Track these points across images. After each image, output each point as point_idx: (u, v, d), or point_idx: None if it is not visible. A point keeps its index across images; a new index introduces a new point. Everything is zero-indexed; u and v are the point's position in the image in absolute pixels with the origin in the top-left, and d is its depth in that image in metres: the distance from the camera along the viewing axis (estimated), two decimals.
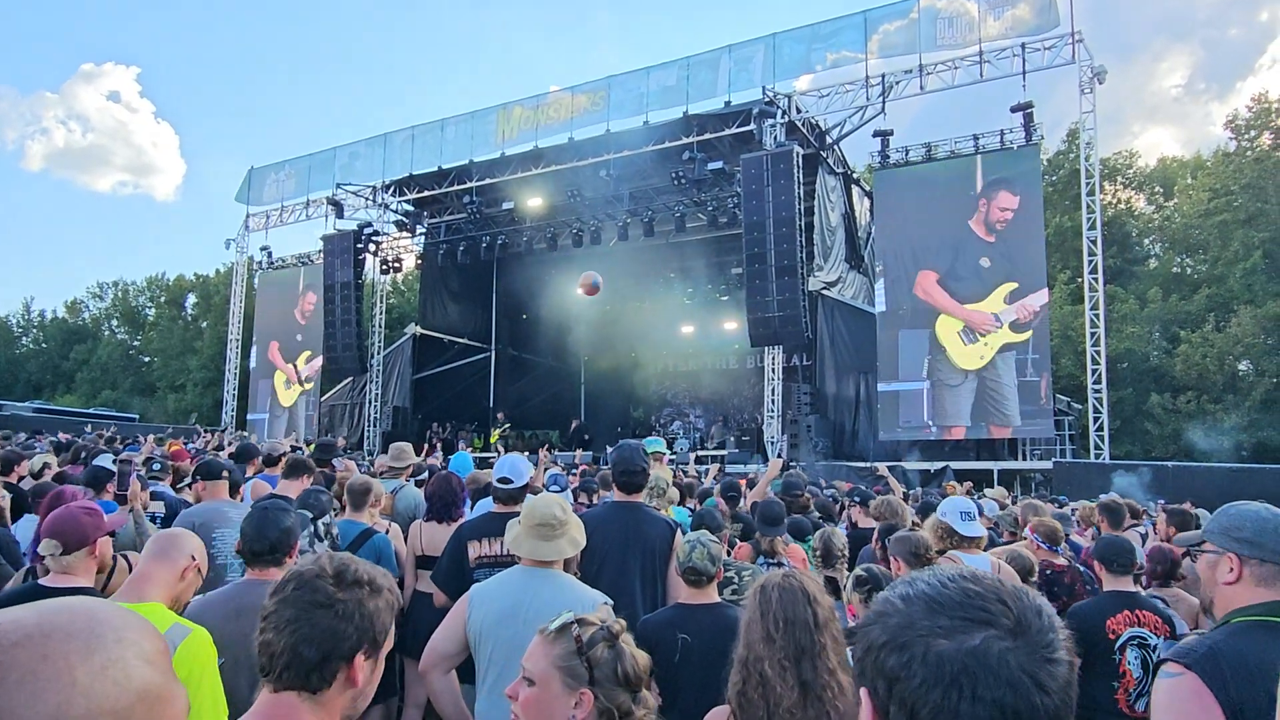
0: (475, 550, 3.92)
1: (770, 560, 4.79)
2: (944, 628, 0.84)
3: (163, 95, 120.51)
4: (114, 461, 5.26)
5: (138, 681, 0.77)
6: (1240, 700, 1.70)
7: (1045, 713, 0.80)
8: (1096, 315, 15.53)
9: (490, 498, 5.14)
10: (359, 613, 1.53)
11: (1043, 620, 0.85)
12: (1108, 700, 3.47)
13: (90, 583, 2.79)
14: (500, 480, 4.03)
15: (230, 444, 12.81)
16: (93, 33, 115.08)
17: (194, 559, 2.61)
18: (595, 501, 6.52)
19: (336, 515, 4.81)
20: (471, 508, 5.46)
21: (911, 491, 10.57)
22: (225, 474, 4.72)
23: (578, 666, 1.74)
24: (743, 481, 9.04)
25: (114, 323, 49.63)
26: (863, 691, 0.91)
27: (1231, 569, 1.90)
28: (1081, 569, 4.54)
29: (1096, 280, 15.59)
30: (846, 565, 4.62)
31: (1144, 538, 6.53)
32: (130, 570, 3.51)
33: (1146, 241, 33.05)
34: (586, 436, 23.36)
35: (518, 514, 4.01)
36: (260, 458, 6.67)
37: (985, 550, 4.39)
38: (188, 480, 5.13)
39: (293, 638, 1.48)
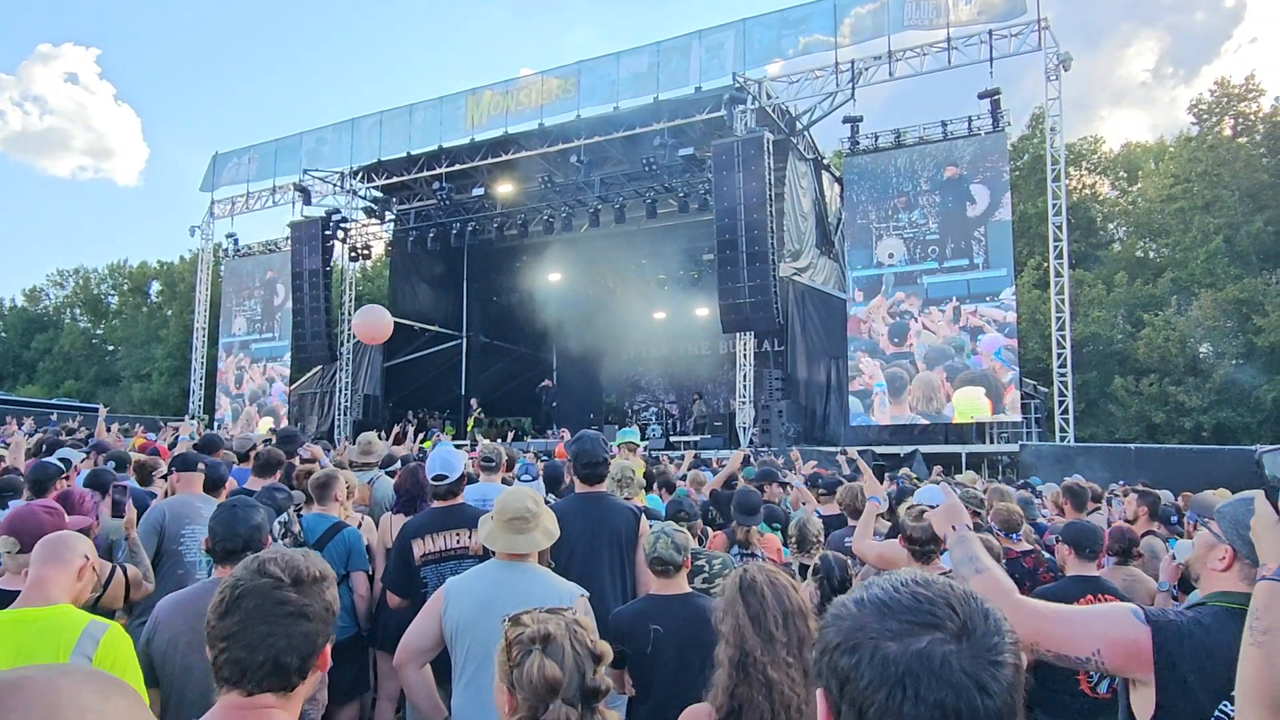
0: (420, 548, 3.93)
1: (744, 550, 4.82)
2: (893, 630, 0.87)
3: (123, 77, 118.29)
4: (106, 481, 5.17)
5: None
6: (1185, 671, 1.75)
7: (987, 714, 0.83)
8: (1062, 300, 15.74)
9: (471, 485, 5.15)
10: (324, 608, 1.59)
11: (989, 624, 0.88)
12: (1071, 683, 3.55)
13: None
14: (435, 478, 4.02)
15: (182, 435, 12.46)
16: (50, 13, 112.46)
17: (87, 559, 2.56)
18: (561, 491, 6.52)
19: (304, 509, 4.76)
20: None
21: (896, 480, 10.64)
22: (201, 466, 4.61)
23: (504, 663, 1.78)
24: (715, 464, 9.10)
25: (76, 311, 48.69)
26: (819, 692, 0.94)
27: (1224, 558, 1.93)
28: (1047, 554, 4.60)
29: (1062, 265, 15.79)
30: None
31: (1108, 523, 6.64)
32: (127, 582, 3.47)
33: (1111, 226, 33.51)
34: (555, 404, 23.34)
35: (460, 507, 4.03)
36: (224, 450, 6.59)
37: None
38: (162, 472, 5.00)
39: (272, 651, 1.50)
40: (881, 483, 6.37)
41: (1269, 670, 1.57)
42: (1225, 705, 1.74)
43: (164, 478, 4.91)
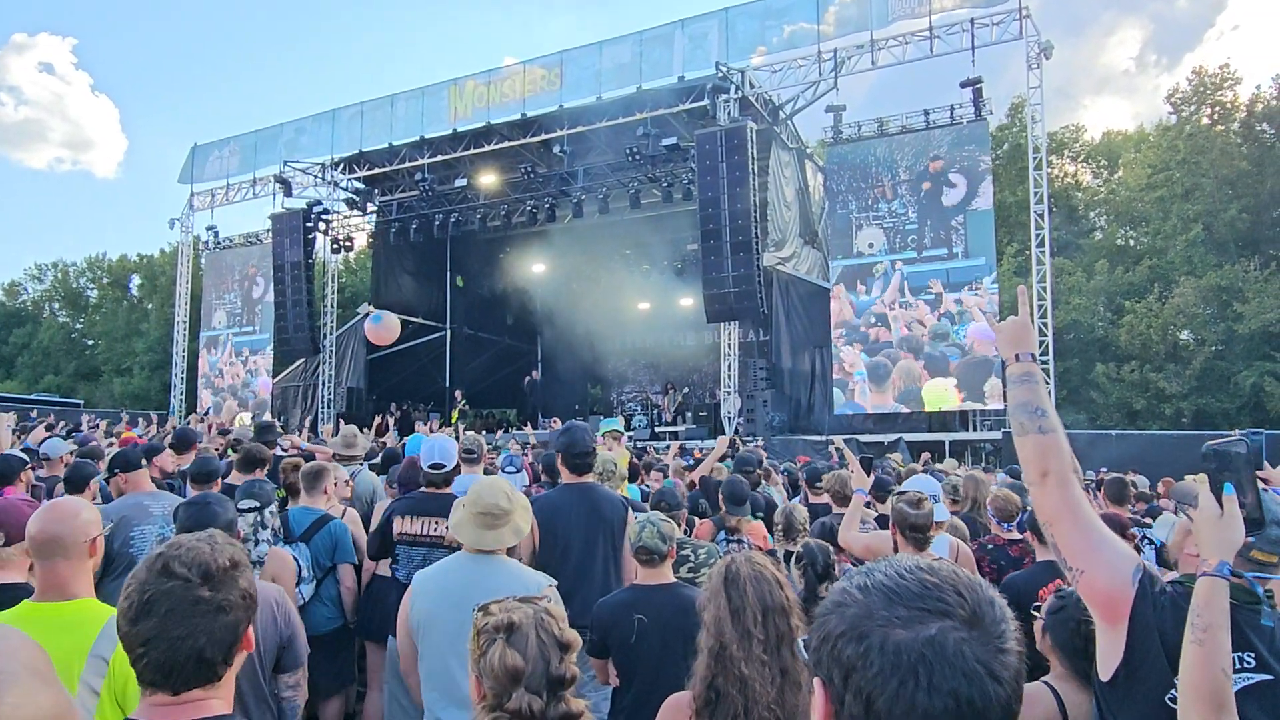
0: (398, 526, 4.01)
1: (732, 538, 4.85)
2: (901, 618, 0.85)
3: (100, 67, 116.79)
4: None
5: (8, 710, 0.75)
6: (1158, 641, 1.76)
7: (998, 702, 0.82)
8: (1044, 287, 15.84)
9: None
10: (240, 595, 1.57)
11: (995, 611, 0.87)
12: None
13: (22, 578, 2.71)
14: (432, 466, 4.06)
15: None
16: (25, 2, 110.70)
17: (95, 536, 2.46)
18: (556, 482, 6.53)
19: (291, 501, 4.75)
20: None
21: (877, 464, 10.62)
22: (144, 462, 4.53)
23: (473, 651, 1.82)
24: (696, 454, 9.12)
25: (55, 305, 48.13)
26: (816, 681, 0.91)
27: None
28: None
29: (1044, 253, 15.89)
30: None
31: None
32: None
33: (1092, 214, 33.71)
34: (544, 403, 23.30)
35: (447, 496, 4.06)
36: (200, 445, 6.55)
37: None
38: (104, 475, 4.87)
39: (194, 649, 1.47)
40: (868, 475, 6.40)
41: (1210, 668, 1.59)
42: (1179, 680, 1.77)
43: (107, 479, 4.80)
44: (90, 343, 45.50)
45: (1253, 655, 1.79)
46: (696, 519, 5.55)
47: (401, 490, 4.76)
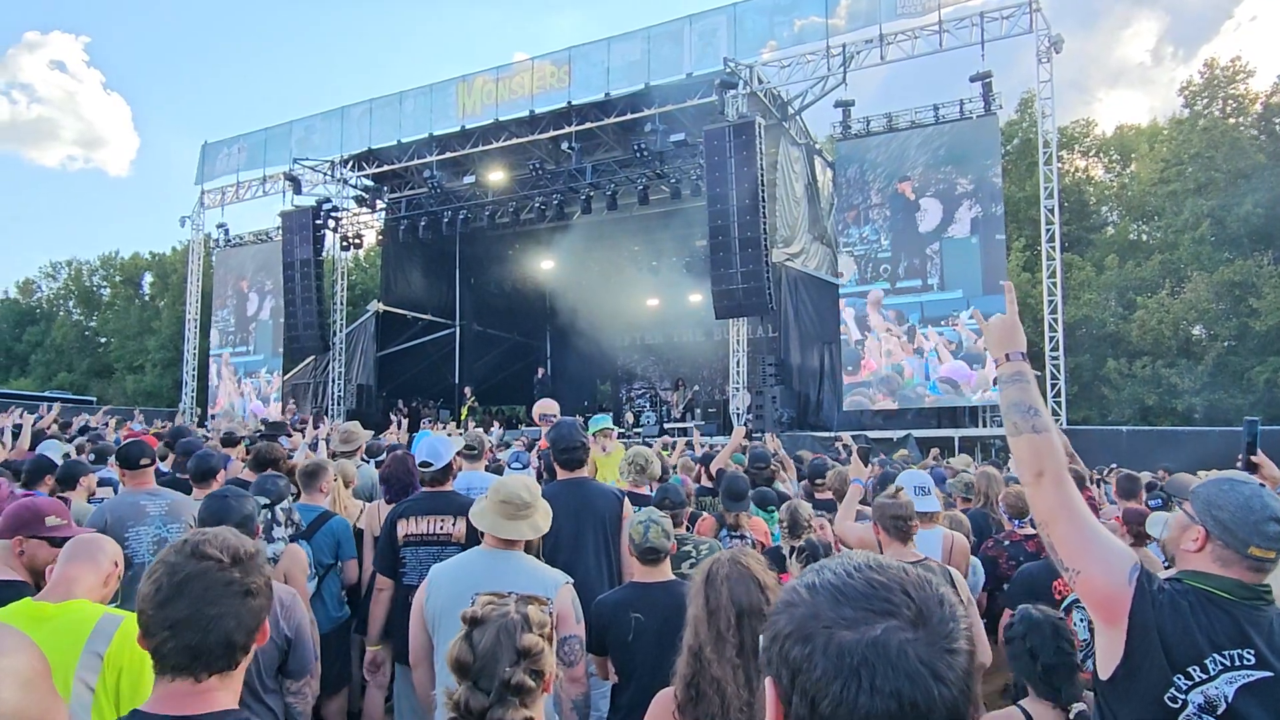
0: (403, 528, 3.97)
1: (734, 533, 4.84)
2: (847, 619, 0.84)
3: (112, 65, 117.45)
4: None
5: (8, 706, 0.75)
6: (1158, 640, 1.76)
7: (943, 703, 0.80)
8: (1054, 283, 15.75)
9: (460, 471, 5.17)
10: (266, 583, 1.61)
11: (944, 610, 0.85)
12: None
13: (11, 575, 2.72)
14: (421, 465, 4.06)
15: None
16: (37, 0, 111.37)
17: (116, 565, 2.54)
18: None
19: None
20: None
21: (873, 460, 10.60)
22: (145, 461, 4.43)
23: None
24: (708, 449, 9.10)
25: (69, 303, 48.47)
26: (768, 680, 0.90)
27: (1196, 539, 1.92)
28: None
29: (1054, 249, 15.79)
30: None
31: (1095, 505, 6.66)
32: None
33: (1104, 209, 33.46)
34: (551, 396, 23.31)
35: (448, 494, 4.07)
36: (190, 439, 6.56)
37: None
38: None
39: (223, 632, 1.49)
40: (867, 466, 6.38)
41: None
42: (1179, 679, 1.76)
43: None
44: (103, 340, 45.77)
45: (1252, 652, 1.77)
46: (703, 513, 5.53)
47: (386, 488, 4.75)
